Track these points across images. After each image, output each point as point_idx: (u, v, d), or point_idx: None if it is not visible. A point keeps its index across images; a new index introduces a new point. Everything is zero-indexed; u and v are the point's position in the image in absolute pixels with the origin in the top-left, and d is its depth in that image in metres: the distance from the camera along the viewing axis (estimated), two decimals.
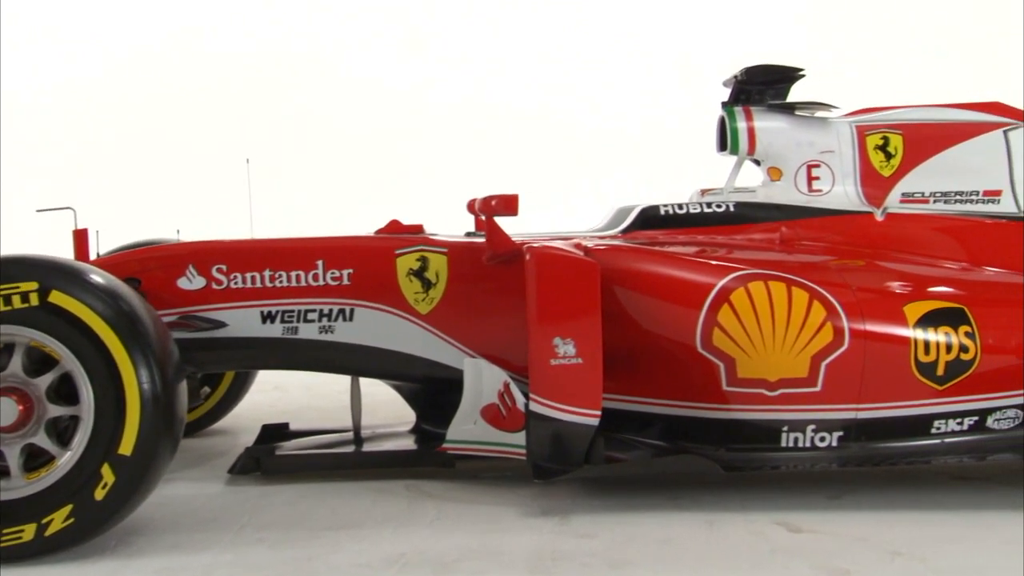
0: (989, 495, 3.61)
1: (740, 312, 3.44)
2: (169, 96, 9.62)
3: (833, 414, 3.52)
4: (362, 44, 9.82)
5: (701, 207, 4.00)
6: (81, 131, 9.35)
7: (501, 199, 3.70)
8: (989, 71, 8.78)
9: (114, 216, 4.87)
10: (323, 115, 9.55)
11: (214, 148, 8.90)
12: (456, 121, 9.49)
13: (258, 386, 6.27)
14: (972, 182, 4.11)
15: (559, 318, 3.34)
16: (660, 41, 9.47)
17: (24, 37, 9.64)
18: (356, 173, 9.24)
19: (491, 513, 3.48)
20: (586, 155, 9.20)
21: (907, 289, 3.63)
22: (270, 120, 9.43)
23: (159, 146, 9.43)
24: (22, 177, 9.10)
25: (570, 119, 9.49)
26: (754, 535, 3.19)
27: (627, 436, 3.72)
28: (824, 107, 4.27)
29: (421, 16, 9.88)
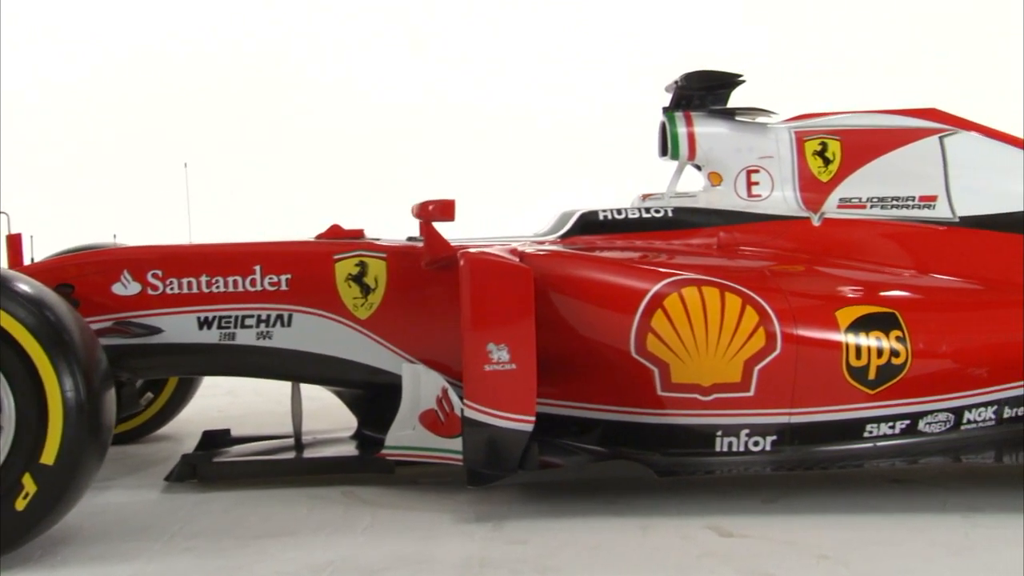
0: (921, 498, 3.65)
1: (673, 318, 3.46)
2: (108, 100, 9.49)
3: (766, 418, 3.54)
4: (306, 47, 9.74)
5: (640, 212, 4.01)
6: (19, 135, 9.20)
7: (438, 204, 3.69)
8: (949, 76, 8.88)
9: (50, 221, 4.80)
10: (268, 118, 9.46)
11: (153, 152, 8.81)
12: (407, 124, 9.44)
13: (209, 391, 6.22)
14: (908, 188, 4.16)
15: (493, 324, 3.34)
16: (628, 42, 9.49)
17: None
18: (303, 177, 9.17)
19: (426, 520, 3.47)
20: (554, 158, 9.22)
21: (840, 294, 3.67)
22: (212, 124, 9.35)
23: (97, 151, 9.30)
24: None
25: (542, 120, 9.51)
26: (685, 540, 3.20)
27: (565, 441, 3.72)
28: (764, 112, 4.30)
29: (371, 15, 9.81)
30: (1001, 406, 3.74)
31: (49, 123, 9.26)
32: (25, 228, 3.98)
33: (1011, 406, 3.76)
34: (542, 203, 4.74)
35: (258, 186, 9.10)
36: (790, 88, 8.53)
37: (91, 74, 9.48)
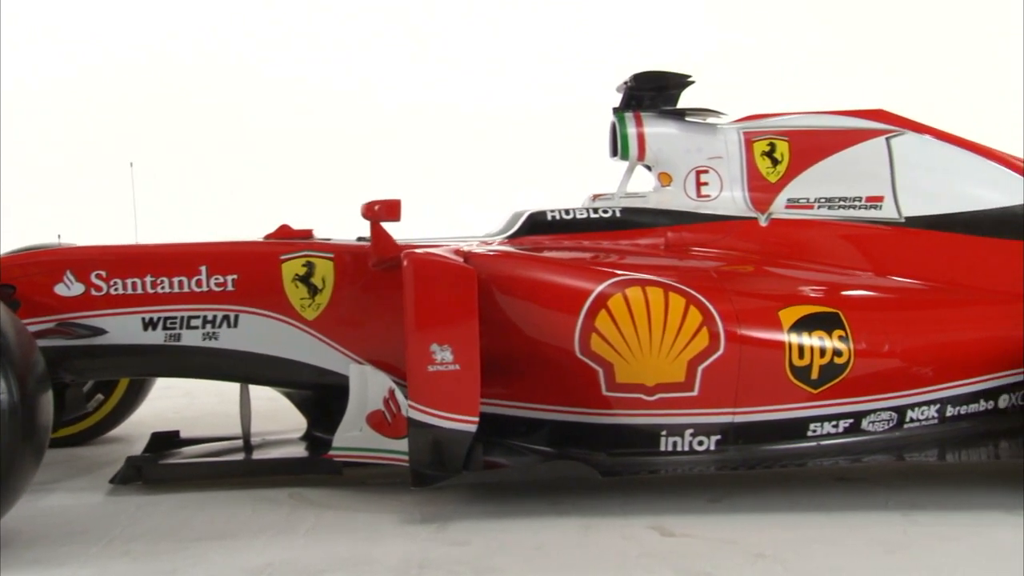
0: (863, 496, 3.68)
1: (617, 318, 3.46)
2: (53, 98, 9.36)
3: (710, 418, 3.56)
4: (253, 44, 9.65)
5: (588, 213, 4.02)
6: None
7: (384, 204, 3.68)
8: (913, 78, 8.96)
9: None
10: (216, 118, 9.36)
11: (99, 152, 8.70)
12: (348, 124, 9.38)
13: (166, 392, 6.18)
14: (855, 188, 4.19)
15: (436, 324, 3.33)
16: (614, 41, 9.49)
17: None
18: (254, 177, 9.10)
19: (370, 521, 3.46)
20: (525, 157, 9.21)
21: (783, 294, 3.69)
22: (158, 123, 9.25)
23: (42, 151, 9.16)
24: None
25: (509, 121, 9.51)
26: (626, 540, 3.21)
27: (514, 442, 3.72)
28: (714, 113, 4.32)
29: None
30: (944, 405, 3.78)
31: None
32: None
33: (953, 405, 3.80)
34: (517, 203, 4.71)
35: (214, 186, 9.01)
36: (768, 87, 8.58)
37: (35, 73, 9.34)
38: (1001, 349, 3.83)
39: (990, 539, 3.17)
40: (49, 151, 9.10)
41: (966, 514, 3.46)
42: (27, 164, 8.99)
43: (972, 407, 3.83)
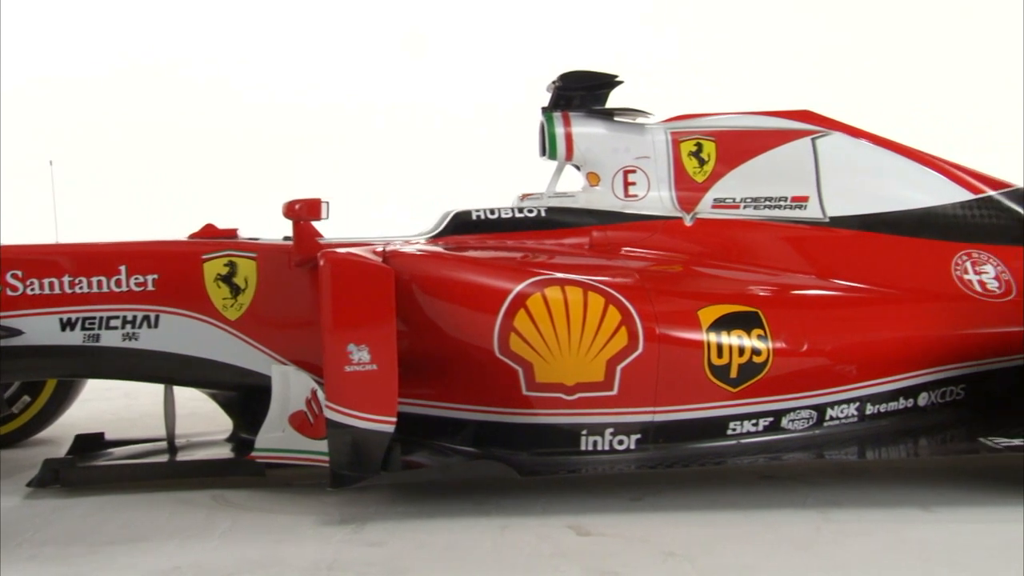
0: (783, 493, 3.71)
1: (536, 317, 3.47)
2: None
3: (630, 417, 3.57)
4: (189, 45, 9.53)
5: (513, 212, 4.02)
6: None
7: (305, 203, 3.67)
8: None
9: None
10: (144, 117, 9.21)
11: (19, 150, 8.54)
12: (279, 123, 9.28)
13: (106, 393, 6.09)
14: (781, 188, 4.22)
15: (353, 325, 3.32)
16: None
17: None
18: (187, 177, 8.99)
19: (288, 522, 3.43)
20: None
21: (704, 294, 3.71)
22: (80, 122, 9.11)
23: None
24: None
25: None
26: (542, 539, 3.21)
27: (438, 442, 3.71)
28: (642, 113, 4.33)
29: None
30: (863, 403, 3.83)
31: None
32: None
33: (873, 403, 3.85)
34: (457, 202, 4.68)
35: (140, 186, 8.86)
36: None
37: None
38: (921, 348, 3.88)
39: (899, 535, 3.20)
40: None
41: (882, 511, 3.50)
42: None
43: (892, 405, 3.88)
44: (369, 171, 8.89)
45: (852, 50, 9.17)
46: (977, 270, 4.14)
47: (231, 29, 9.61)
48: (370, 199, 7.81)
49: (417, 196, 7.53)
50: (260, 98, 9.34)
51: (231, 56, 9.51)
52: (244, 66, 9.43)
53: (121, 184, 9.01)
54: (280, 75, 9.52)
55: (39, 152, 4.75)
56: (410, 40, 9.37)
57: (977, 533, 3.22)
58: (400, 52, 9.38)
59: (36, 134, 8.73)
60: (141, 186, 9.06)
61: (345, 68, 9.61)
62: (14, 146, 8.67)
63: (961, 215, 4.28)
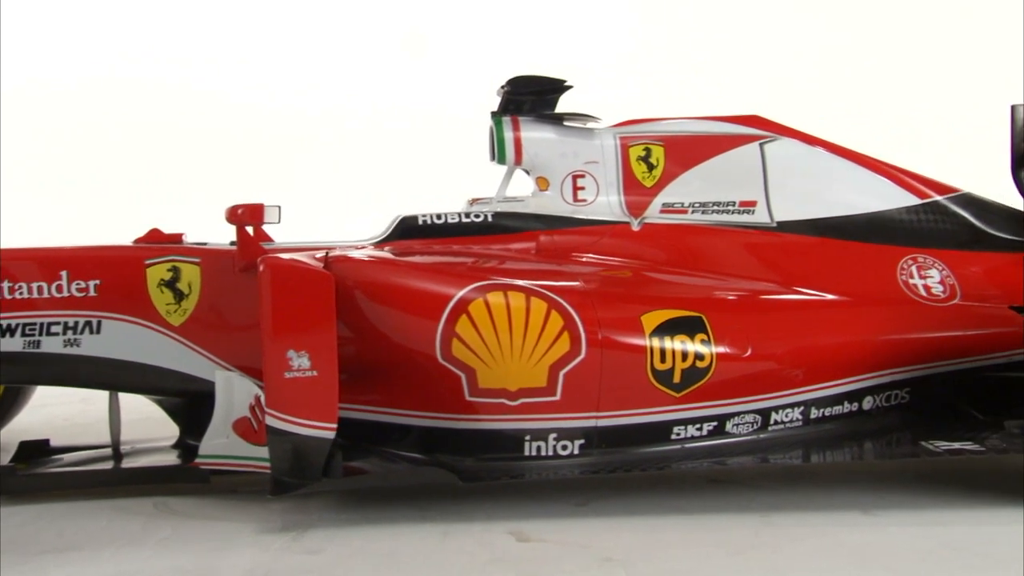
0: (728, 497, 3.73)
1: (478, 323, 3.46)
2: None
3: (573, 422, 3.57)
4: (139, 50, 9.41)
5: (459, 217, 4.01)
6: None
7: (247, 208, 3.65)
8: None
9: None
10: (92, 120, 9.10)
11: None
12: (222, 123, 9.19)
13: (62, 399, 6.02)
14: (729, 193, 4.24)
15: (293, 330, 3.30)
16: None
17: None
18: (137, 181, 8.90)
19: (228, 530, 3.41)
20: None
21: (647, 298, 3.72)
22: (29, 124, 8.99)
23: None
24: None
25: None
26: (482, 545, 3.20)
27: (385, 448, 3.70)
28: (593, 119, 4.34)
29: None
30: (808, 407, 3.84)
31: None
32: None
33: (818, 407, 3.86)
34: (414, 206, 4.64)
35: (88, 191, 8.74)
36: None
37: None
38: (865, 352, 3.91)
39: (836, 539, 3.22)
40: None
41: (823, 514, 3.52)
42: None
43: (836, 409, 3.90)
44: (369, 172, 8.80)
45: (851, 51, 9.15)
46: (923, 275, 4.17)
47: (221, 30, 9.49)
48: (371, 201, 7.66)
49: (417, 198, 7.47)
50: (255, 99, 9.24)
51: (225, 57, 9.40)
52: (241, 66, 9.32)
53: (120, 186, 8.87)
54: (275, 76, 9.43)
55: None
56: (410, 40, 9.32)
57: (914, 536, 3.24)
58: (400, 52, 9.30)
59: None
60: (132, 188, 8.92)
61: (343, 69, 9.51)
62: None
63: (908, 220, 4.31)
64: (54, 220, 6.81)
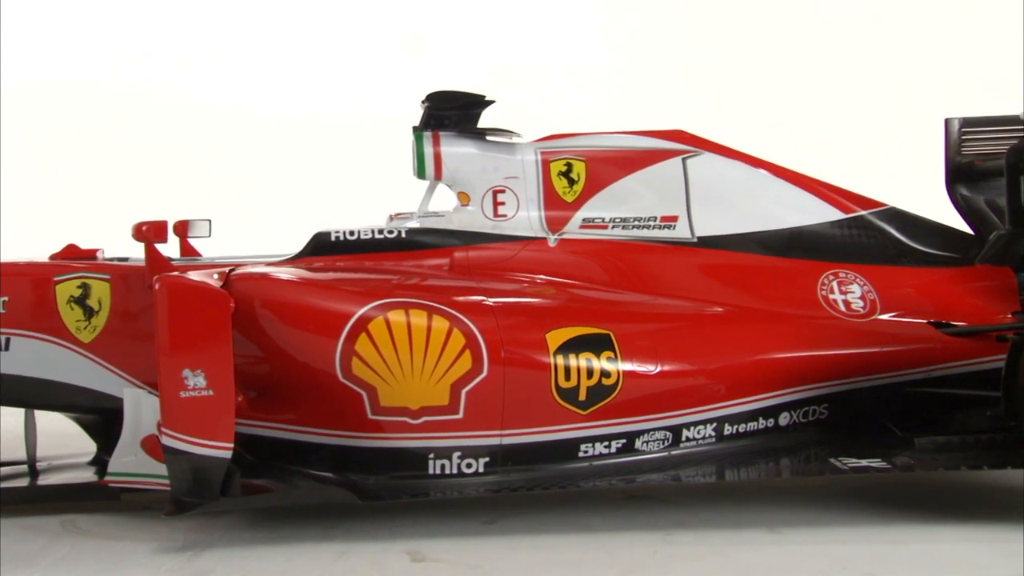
0: (640, 515, 3.71)
1: (378, 341, 3.45)
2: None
3: (477, 440, 3.56)
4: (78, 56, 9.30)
5: (372, 233, 3.99)
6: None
7: (151, 225, 3.64)
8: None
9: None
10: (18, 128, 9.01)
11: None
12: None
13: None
14: (650, 208, 4.22)
15: (188, 349, 3.29)
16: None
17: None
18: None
19: (126, 549, 3.40)
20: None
21: (554, 315, 3.70)
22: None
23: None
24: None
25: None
26: (374, 566, 3.19)
27: (292, 466, 3.68)
28: (515, 134, 4.32)
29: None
30: (722, 423, 3.83)
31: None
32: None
33: (731, 423, 3.84)
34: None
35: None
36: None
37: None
38: (781, 367, 3.89)
39: (732, 558, 3.21)
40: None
41: (728, 532, 3.52)
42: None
43: (751, 425, 3.88)
44: (367, 175, 8.70)
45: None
46: (843, 290, 4.16)
47: (217, 31, 9.39)
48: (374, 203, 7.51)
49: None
50: (247, 101, 9.15)
51: (200, 58, 9.30)
52: (241, 68, 9.22)
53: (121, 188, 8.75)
54: (272, 78, 9.34)
55: None
56: (410, 40, 9.25)
57: (810, 555, 3.24)
58: (400, 52, 9.21)
59: None
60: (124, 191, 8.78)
61: (341, 71, 9.41)
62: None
63: (831, 234, 4.30)
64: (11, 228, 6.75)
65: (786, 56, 8.89)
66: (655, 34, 9.44)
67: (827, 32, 8.95)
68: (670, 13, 9.53)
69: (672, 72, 9.00)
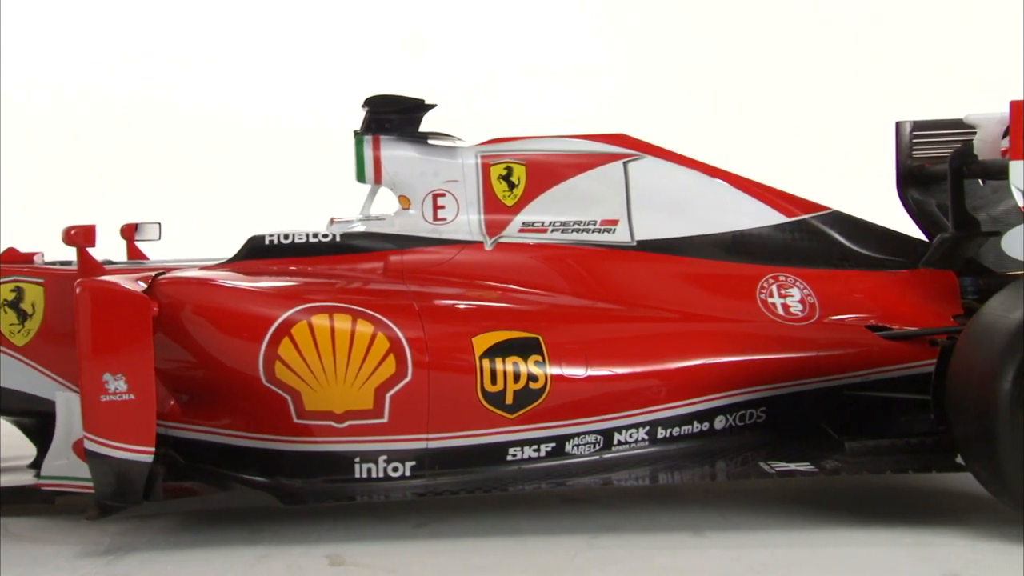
0: (569, 518, 3.72)
1: (301, 345, 3.45)
2: None
3: (403, 444, 3.56)
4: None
5: (307, 237, 3.99)
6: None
7: (80, 229, 3.65)
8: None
9: None
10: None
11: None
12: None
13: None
14: (590, 212, 4.22)
15: (108, 353, 3.30)
16: None
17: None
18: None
19: (49, 553, 3.42)
20: None
21: (483, 319, 3.70)
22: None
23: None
24: None
25: None
26: (291, 569, 3.20)
27: (220, 469, 3.68)
28: (456, 138, 4.33)
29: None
30: (655, 427, 3.82)
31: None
32: None
33: (665, 427, 3.84)
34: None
35: None
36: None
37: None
38: (716, 371, 3.88)
39: (650, 562, 3.22)
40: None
41: (654, 536, 3.52)
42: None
43: (686, 429, 3.87)
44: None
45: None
46: (782, 293, 4.15)
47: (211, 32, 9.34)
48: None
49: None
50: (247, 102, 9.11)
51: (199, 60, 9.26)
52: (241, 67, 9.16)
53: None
54: (271, 80, 9.30)
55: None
56: (410, 40, 9.23)
57: (728, 558, 3.24)
58: (400, 52, 9.17)
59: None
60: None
61: (341, 72, 9.37)
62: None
63: (772, 238, 4.30)
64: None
65: (785, 56, 8.85)
66: (654, 34, 9.42)
67: (826, 32, 8.91)
68: (670, 13, 9.52)
69: (671, 73, 8.97)
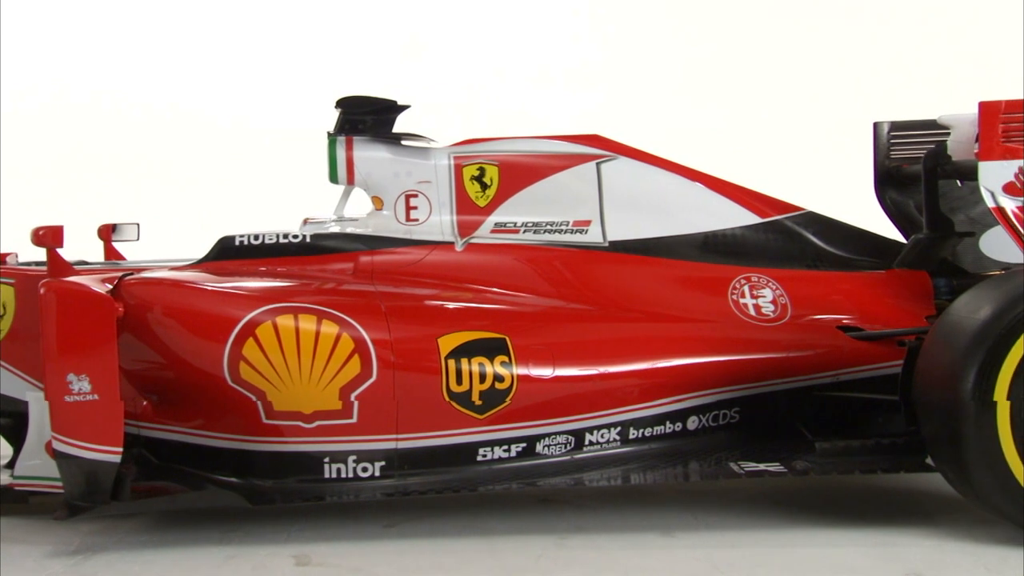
0: (540, 518, 3.72)
1: (265, 346, 3.47)
2: None
3: (372, 444, 3.57)
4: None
5: (277, 238, 4.00)
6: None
7: (48, 230, 3.66)
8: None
9: None
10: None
11: None
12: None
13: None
14: (563, 213, 4.22)
15: (72, 353, 3.31)
16: None
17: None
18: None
19: (18, 553, 3.43)
20: None
21: (450, 320, 3.71)
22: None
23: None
24: None
25: None
26: (256, 569, 3.21)
27: (193, 470, 3.70)
28: (430, 139, 4.34)
29: None
30: (627, 427, 3.82)
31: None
32: None
33: (637, 427, 3.84)
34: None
35: None
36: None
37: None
38: (688, 371, 3.89)
39: (616, 562, 3.22)
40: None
41: (623, 536, 3.52)
42: None
43: (658, 429, 3.87)
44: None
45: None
46: (755, 294, 4.15)
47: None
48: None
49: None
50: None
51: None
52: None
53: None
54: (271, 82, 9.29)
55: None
56: (410, 46, 9.22)
57: (694, 558, 3.24)
58: (400, 58, 9.15)
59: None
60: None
61: (318, 73, 9.35)
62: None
63: (745, 239, 4.30)
64: None
65: (763, 57, 8.84)
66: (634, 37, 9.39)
67: (804, 32, 8.89)
68: (650, 17, 9.49)
69: (672, 73, 8.95)
